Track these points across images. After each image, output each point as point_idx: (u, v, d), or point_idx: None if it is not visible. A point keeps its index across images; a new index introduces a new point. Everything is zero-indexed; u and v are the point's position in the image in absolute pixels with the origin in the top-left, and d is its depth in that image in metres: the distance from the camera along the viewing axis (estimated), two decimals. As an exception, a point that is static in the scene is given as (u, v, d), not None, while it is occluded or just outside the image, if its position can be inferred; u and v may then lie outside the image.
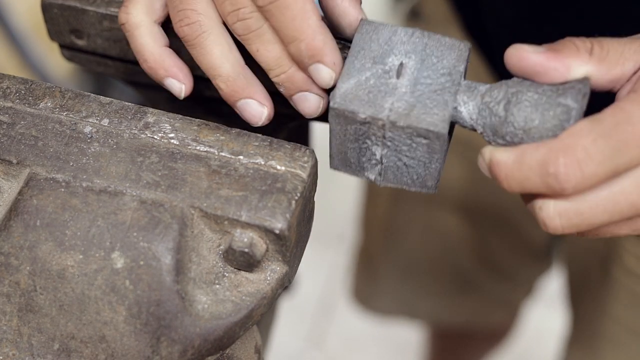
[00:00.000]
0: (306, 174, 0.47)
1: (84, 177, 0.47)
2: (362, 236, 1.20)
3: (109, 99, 0.50)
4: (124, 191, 0.46)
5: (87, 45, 0.58)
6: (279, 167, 0.47)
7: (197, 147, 0.48)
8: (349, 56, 0.48)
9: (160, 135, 0.48)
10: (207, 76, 0.50)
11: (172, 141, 0.48)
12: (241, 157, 0.47)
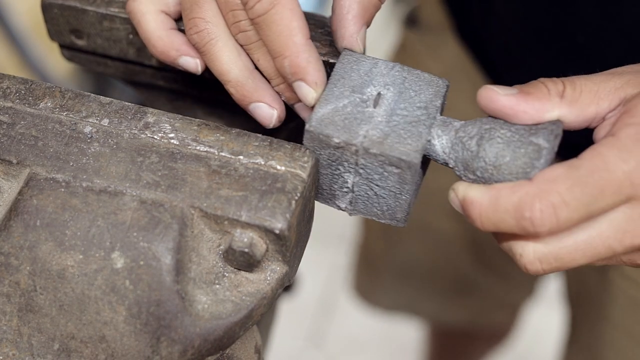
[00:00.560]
0: (306, 174, 0.47)
1: (84, 177, 0.47)
2: (362, 236, 1.20)
3: (109, 99, 0.50)
4: (124, 191, 0.46)
5: (87, 45, 0.58)
6: (279, 167, 0.47)
7: (197, 147, 0.48)
8: (329, 83, 0.49)
9: (160, 135, 0.48)
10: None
11: (172, 141, 0.48)
12: (241, 157, 0.47)
